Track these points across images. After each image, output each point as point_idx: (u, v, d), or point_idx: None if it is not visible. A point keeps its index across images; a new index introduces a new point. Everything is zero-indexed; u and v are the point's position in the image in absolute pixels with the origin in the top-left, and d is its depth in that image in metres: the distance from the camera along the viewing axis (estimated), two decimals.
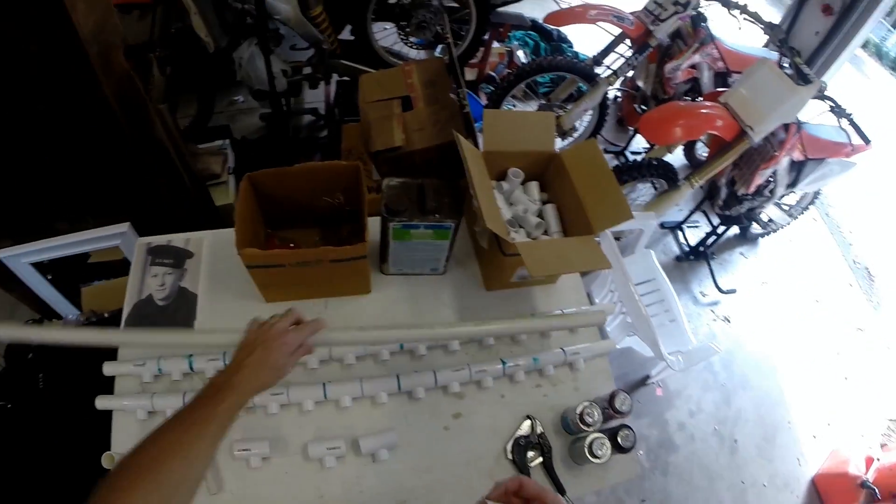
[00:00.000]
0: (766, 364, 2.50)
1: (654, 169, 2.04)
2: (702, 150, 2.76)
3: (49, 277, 1.76)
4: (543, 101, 2.71)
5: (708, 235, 2.62)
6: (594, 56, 2.53)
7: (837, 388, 2.53)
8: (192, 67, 2.31)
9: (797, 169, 2.29)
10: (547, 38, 3.25)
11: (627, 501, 1.96)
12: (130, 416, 1.01)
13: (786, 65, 1.98)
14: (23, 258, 1.61)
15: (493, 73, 2.91)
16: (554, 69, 2.41)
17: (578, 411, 1.02)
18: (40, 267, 1.68)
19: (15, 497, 1.35)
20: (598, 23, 2.31)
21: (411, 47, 2.65)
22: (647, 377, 2.14)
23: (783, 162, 2.17)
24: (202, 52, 2.17)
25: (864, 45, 5.82)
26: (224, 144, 2.21)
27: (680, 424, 2.21)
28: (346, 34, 2.51)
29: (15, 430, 1.44)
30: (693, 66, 2.44)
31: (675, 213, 2.84)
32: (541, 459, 1.04)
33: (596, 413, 1.02)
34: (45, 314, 1.90)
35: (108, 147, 1.36)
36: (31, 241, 1.56)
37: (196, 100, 2.42)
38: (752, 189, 2.26)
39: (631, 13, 2.30)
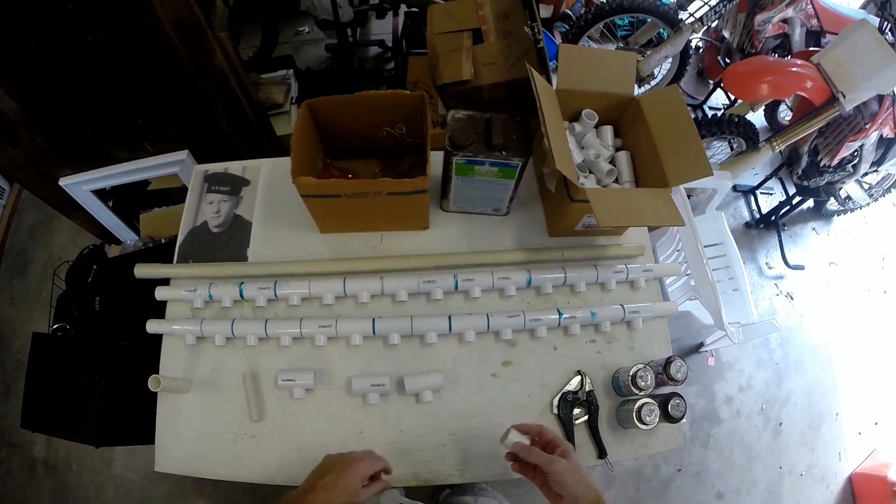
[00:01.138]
0: (823, 350, 2.36)
1: (735, 126, 1.88)
2: (784, 114, 2.54)
3: (109, 204, 1.82)
4: (622, 45, 2.54)
5: (781, 205, 2.44)
6: (679, 0, 2.32)
7: (892, 386, 2.37)
8: None
9: (885, 146, 2.10)
10: None
11: (664, 468, 1.94)
12: (179, 340, 1.04)
13: (888, 32, 1.78)
14: (84, 185, 1.66)
15: (569, 11, 2.71)
16: (635, 11, 2.23)
17: (631, 373, 0.97)
18: (101, 194, 1.74)
19: (66, 417, 1.44)
20: None
21: None
22: (701, 345, 2.06)
23: (872, 136, 1.98)
24: None
25: None
26: (287, 74, 2.18)
27: (727, 398, 2.14)
28: None
29: (68, 355, 1.51)
30: (784, 21, 2.21)
31: (749, 177, 2.66)
32: (586, 418, 1.00)
33: (649, 377, 0.97)
34: (106, 239, 1.99)
35: (166, 75, 1.35)
36: (91, 169, 1.61)
37: (260, 30, 2.39)
38: (836, 161, 2.08)
39: None
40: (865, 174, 2.28)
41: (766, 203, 2.64)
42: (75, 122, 1.47)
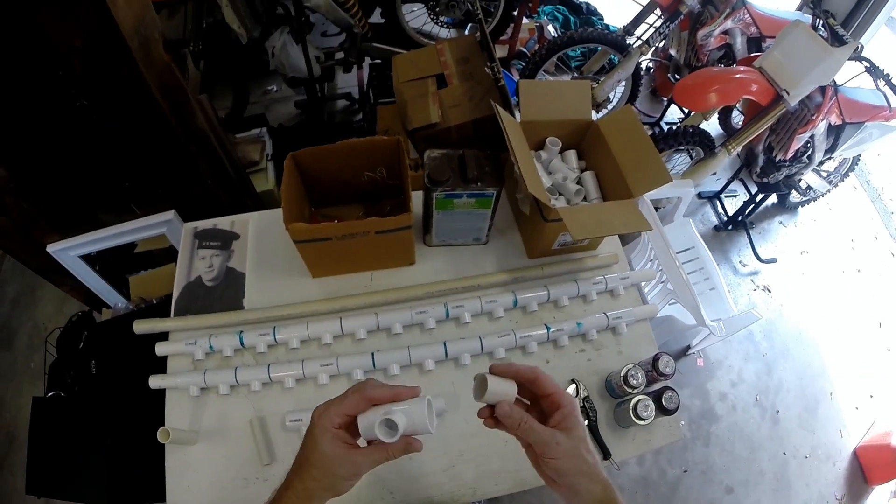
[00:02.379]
0: (807, 334, 2.44)
1: (690, 137, 2.00)
2: (737, 119, 2.68)
3: (96, 269, 1.83)
4: (576, 74, 2.68)
5: (746, 204, 2.56)
6: (625, 26, 2.48)
7: (880, 359, 2.47)
8: (225, 60, 2.36)
9: (835, 133, 2.23)
10: (576, 12, 3.21)
11: (669, 471, 1.97)
12: (183, 393, 1.05)
13: (820, 27, 1.92)
14: (72, 251, 1.66)
15: (524, 49, 2.89)
16: (585, 41, 2.37)
17: (622, 374, 1.02)
18: (87, 259, 1.75)
19: (74, 479, 1.41)
20: None
21: (441, 26, 2.66)
22: (688, 347, 2.13)
23: (820, 126, 2.11)
24: (235, 43, 2.22)
25: None
26: (261, 132, 2.25)
27: (721, 395, 2.19)
28: (376, 17, 2.54)
29: (71, 417, 1.50)
30: (725, 33, 2.37)
31: (712, 183, 2.79)
32: (586, 423, 1.05)
33: (640, 375, 1.02)
34: (93, 305, 1.99)
35: (152, 138, 1.40)
36: (77, 234, 1.62)
37: (231, 91, 2.48)
38: (790, 154, 2.21)
39: None
40: (821, 162, 2.41)
41: (732, 205, 2.76)
42: (64, 188, 1.49)
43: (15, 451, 2.05)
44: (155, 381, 1.05)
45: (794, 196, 2.73)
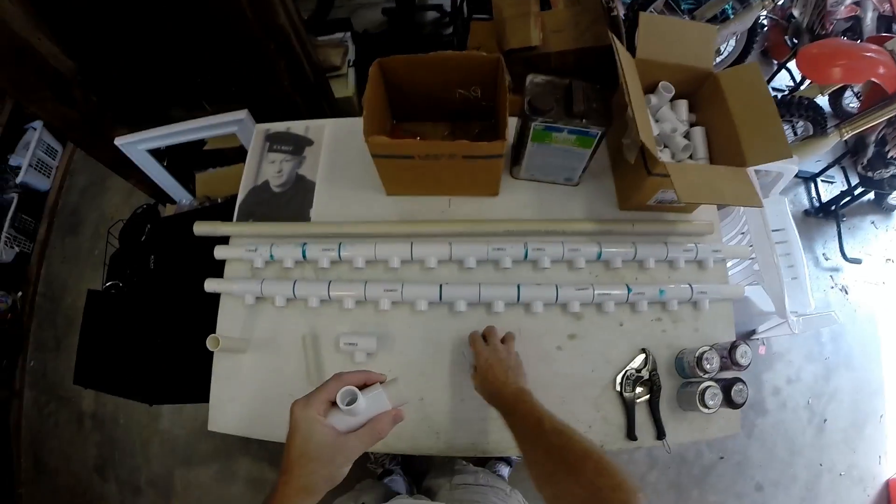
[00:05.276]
0: (874, 348, 2.27)
1: (804, 109, 1.81)
2: (849, 100, 2.42)
3: (164, 164, 1.84)
4: (687, 18, 2.43)
5: (843, 195, 2.34)
6: None
7: None
8: None
9: None
10: None
11: (706, 454, 1.93)
12: (238, 300, 1.03)
13: None
14: (140, 145, 1.66)
15: None
16: None
17: (697, 354, 0.94)
18: (155, 153, 1.75)
19: (120, 374, 1.46)
20: None
21: None
22: (753, 332, 2.01)
23: None
24: None
25: None
26: (345, 37, 2.17)
27: (775, 389, 2.09)
28: None
29: (124, 313, 1.54)
30: (857, 4, 2.10)
31: (811, 164, 2.55)
32: (647, 397, 0.99)
33: (715, 360, 0.95)
34: (160, 199, 2.02)
35: (230, 33, 1.33)
36: (147, 129, 1.61)
37: None
38: None
39: None
40: None
41: (827, 192, 2.54)
42: (133, 82, 1.47)
43: (73, 333, 2.14)
44: (211, 285, 1.04)
45: (894, 198, 2.49)
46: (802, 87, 2.20)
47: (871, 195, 2.52)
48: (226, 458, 1.92)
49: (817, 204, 2.48)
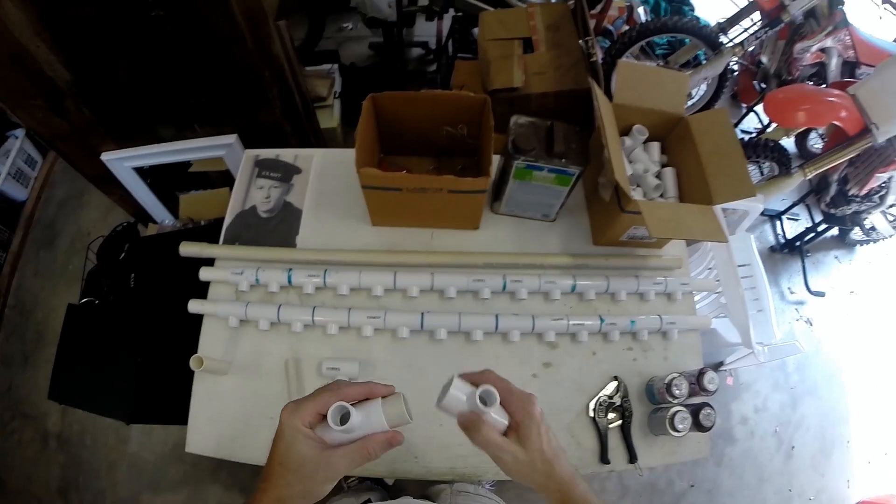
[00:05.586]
0: (839, 377, 2.36)
1: (770, 151, 1.91)
2: (814, 142, 2.56)
3: (148, 182, 1.83)
4: (661, 63, 2.56)
5: (807, 231, 2.45)
6: (720, 23, 2.35)
7: None
8: None
9: None
10: None
11: (677, 483, 1.96)
12: (221, 322, 1.04)
13: None
14: (126, 162, 1.65)
15: (609, 27, 2.75)
16: (678, 31, 2.25)
17: (667, 381, 0.99)
18: (140, 171, 1.74)
19: (97, 391, 1.43)
20: None
21: None
22: (721, 363, 2.08)
23: None
24: None
25: None
26: (332, 69, 2.22)
27: (743, 418, 2.15)
28: None
29: (104, 329, 1.51)
30: (822, 51, 2.24)
31: (776, 202, 2.67)
32: (620, 423, 1.03)
33: (684, 385, 0.99)
34: (140, 218, 2.01)
35: (228, 57, 1.37)
36: (135, 146, 1.60)
37: (307, 22, 2.43)
38: (864, 191, 2.11)
39: None
40: (892, 206, 2.31)
41: (792, 228, 2.65)
42: (126, 97, 1.47)
43: (42, 348, 2.12)
44: (195, 306, 1.04)
45: (857, 233, 2.61)
46: (769, 130, 2.31)
47: (835, 231, 2.65)
48: (195, 485, 1.87)
49: (783, 240, 2.58)
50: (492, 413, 0.56)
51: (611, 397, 1.04)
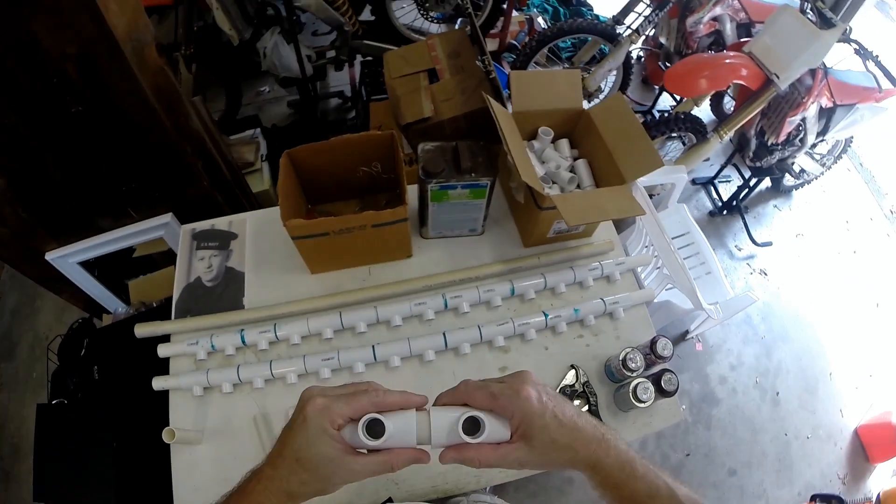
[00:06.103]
0: (805, 316, 2.46)
1: (682, 123, 2.01)
2: (729, 105, 2.70)
3: (95, 274, 1.84)
4: (567, 65, 2.68)
5: (740, 189, 2.58)
6: (614, 16, 2.50)
7: (878, 339, 2.49)
8: (217, 62, 2.37)
9: (826, 116, 2.24)
10: (566, 3, 3.22)
11: (672, 455, 1.99)
12: (187, 393, 1.06)
13: (808, 11, 1.94)
14: (71, 258, 1.66)
15: (514, 42, 2.88)
16: (575, 32, 2.37)
17: (621, 357, 1.03)
18: (86, 265, 1.75)
19: (81, 484, 1.41)
20: None
21: (431, 22, 2.67)
22: (686, 332, 2.14)
23: (811, 109, 2.13)
24: (226, 46, 2.23)
25: None
26: (255, 133, 2.26)
27: (721, 378, 2.21)
28: (366, 15, 2.55)
29: (76, 424, 1.49)
30: (715, 19, 2.38)
31: (706, 169, 2.81)
32: (587, 408, 1.06)
33: (638, 358, 1.03)
34: (93, 312, 1.99)
35: (148, 140, 1.40)
36: (77, 241, 1.62)
37: (224, 93, 2.48)
38: (782, 138, 2.22)
39: None
40: (814, 145, 2.43)
41: (726, 190, 2.78)
42: (61, 195, 1.48)
43: (20, 461, 2.05)
44: (158, 383, 1.06)
45: (788, 179, 2.75)
46: (679, 104, 2.43)
47: (769, 182, 2.79)
48: None
49: (720, 203, 2.71)
50: (485, 433, 0.51)
51: (572, 385, 1.07)
